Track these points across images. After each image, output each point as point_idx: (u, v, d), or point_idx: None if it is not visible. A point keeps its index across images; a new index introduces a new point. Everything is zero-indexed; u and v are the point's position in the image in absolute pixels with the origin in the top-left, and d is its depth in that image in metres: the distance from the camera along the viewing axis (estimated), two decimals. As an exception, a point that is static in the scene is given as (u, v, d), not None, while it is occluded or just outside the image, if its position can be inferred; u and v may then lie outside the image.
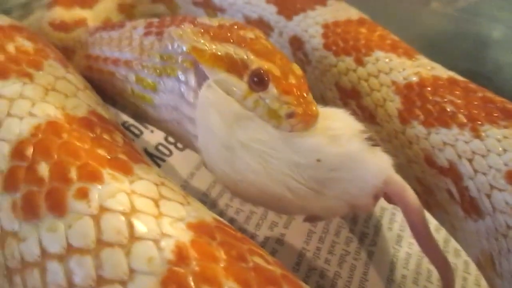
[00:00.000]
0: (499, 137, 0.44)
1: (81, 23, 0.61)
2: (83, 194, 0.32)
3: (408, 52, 0.56)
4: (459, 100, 0.48)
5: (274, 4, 0.66)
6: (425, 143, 0.49)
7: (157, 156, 0.62)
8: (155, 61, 0.46)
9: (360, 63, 0.56)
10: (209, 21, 0.47)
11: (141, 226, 0.31)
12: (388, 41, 0.58)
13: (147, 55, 0.47)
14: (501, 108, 0.47)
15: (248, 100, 0.42)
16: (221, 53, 0.43)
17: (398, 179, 0.43)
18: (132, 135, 0.63)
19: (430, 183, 0.50)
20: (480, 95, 0.49)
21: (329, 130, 0.42)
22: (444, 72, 0.53)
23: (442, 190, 0.49)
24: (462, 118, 0.47)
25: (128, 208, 0.32)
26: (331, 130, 0.42)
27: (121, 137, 0.40)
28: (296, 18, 0.64)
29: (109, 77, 0.51)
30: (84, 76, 0.48)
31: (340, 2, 0.66)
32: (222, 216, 0.50)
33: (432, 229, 0.60)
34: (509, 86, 0.75)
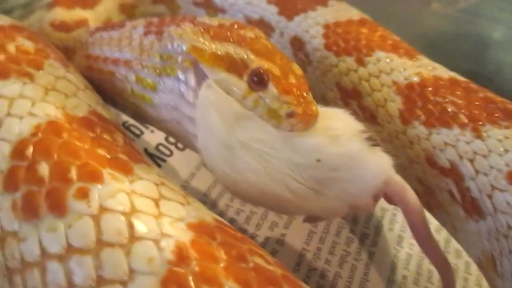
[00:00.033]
0: (500, 137, 0.44)
1: (82, 23, 0.61)
2: (83, 194, 0.32)
3: (409, 52, 0.56)
4: (460, 101, 0.48)
5: (275, 5, 0.66)
6: (426, 143, 0.49)
7: (157, 156, 0.62)
8: (155, 60, 0.46)
9: (361, 63, 0.56)
10: (209, 20, 0.47)
11: (141, 226, 0.31)
12: (389, 41, 0.58)
13: (147, 55, 0.47)
14: (502, 108, 0.47)
15: (248, 99, 0.42)
16: (221, 52, 0.43)
17: (398, 179, 0.43)
18: (132, 135, 0.63)
19: (431, 184, 0.50)
20: (481, 95, 0.49)
21: (329, 130, 0.42)
22: (445, 72, 0.53)
23: (443, 190, 0.48)
24: (463, 118, 0.47)
25: (128, 208, 0.31)
26: (331, 130, 0.42)
27: (122, 137, 0.40)
28: (297, 18, 0.64)
29: (109, 77, 0.51)
30: (84, 76, 0.48)
31: (341, 3, 0.66)
32: (222, 216, 0.50)
33: (433, 229, 0.60)
34: (509, 87, 0.75)
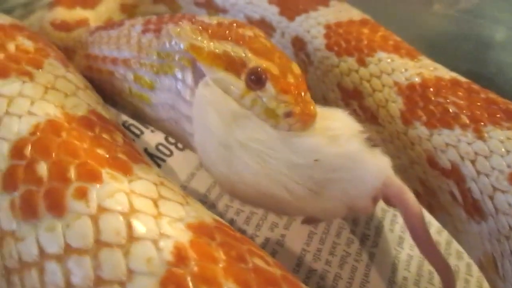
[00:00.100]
0: (502, 138, 0.44)
1: (82, 23, 0.60)
2: (82, 193, 0.32)
3: (410, 53, 0.56)
4: (461, 101, 0.48)
5: (276, 5, 0.66)
6: (427, 144, 0.48)
7: (157, 156, 0.62)
8: (152, 59, 0.46)
9: (362, 63, 0.56)
10: (207, 19, 0.46)
11: (140, 226, 0.30)
12: (391, 41, 0.57)
13: (145, 53, 0.47)
14: (504, 109, 0.47)
15: (245, 98, 0.41)
16: (219, 51, 0.42)
17: (397, 181, 0.43)
18: (132, 135, 0.63)
19: (432, 185, 0.50)
20: (483, 96, 0.49)
21: (328, 130, 0.42)
22: (446, 73, 0.53)
23: (444, 191, 0.48)
24: (464, 119, 0.47)
25: (127, 208, 0.31)
26: (330, 130, 0.42)
27: (121, 137, 0.40)
28: (298, 18, 0.63)
29: (108, 77, 0.51)
30: (84, 76, 0.48)
31: (342, 3, 0.66)
32: (222, 217, 0.50)
33: (434, 231, 0.61)
34: (510, 87, 0.75)
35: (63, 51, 0.51)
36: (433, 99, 0.49)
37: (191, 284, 0.28)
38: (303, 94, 0.41)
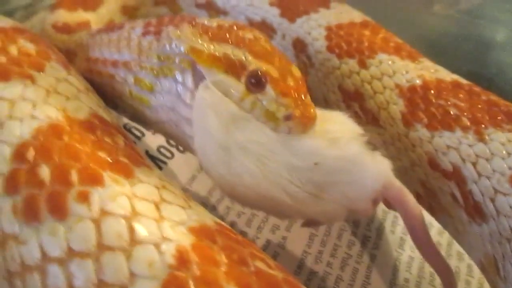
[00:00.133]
0: (503, 140, 0.44)
1: (84, 25, 0.61)
2: (84, 197, 0.32)
3: (411, 54, 0.56)
4: (462, 103, 0.48)
5: (277, 7, 0.66)
6: (428, 146, 0.48)
7: (158, 158, 0.62)
8: (153, 61, 0.46)
9: (364, 65, 0.55)
10: (207, 21, 0.46)
11: (142, 230, 0.30)
12: (392, 43, 0.57)
13: (145, 56, 0.47)
14: (505, 111, 0.47)
15: (245, 101, 0.41)
16: (219, 53, 0.42)
17: (397, 183, 0.43)
18: (133, 137, 0.63)
19: (433, 187, 0.50)
20: (484, 98, 0.49)
21: (328, 133, 0.42)
22: (447, 75, 0.53)
23: (445, 193, 0.48)
24: (465, 121, 0.47)
25: (129, 212, 0.31)
26: (329, 133, 0.42)
27: (123, 140, 0.40)
28: (299, 20, 0.63)
29: (108, 80, 0.51)
30: (85, 79, 0.48)
31: (343, 5, 0.66)
32: (223, 219, 0.50)
33: (435, 232, 0.61)
34: (511, 88, 0.75)
35: (64, 54, 0.51)
36: (434, 101, 0.49)
37: (193, 287, 0.28)
38: (303, 97, 0.41)
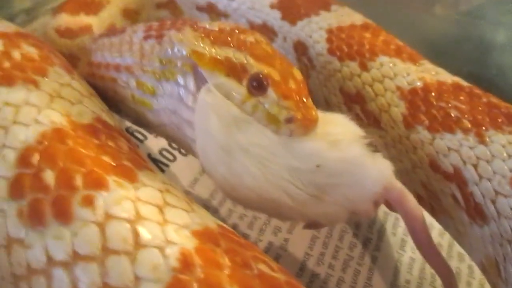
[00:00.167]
0: (503, 142, 0.44)
1: (86, 29, 0.61)
2: (88, 201, 0.32)
3: (412, 57, 0.56)
4: (463, 106, 0.48)
5: (278, 9, 0.66)
6: (429, 148, 0.49)
7: (161, 161, 0.62)
8: (154, 65, 0.46)
9: (365, 68, 0.56)
10: (209, 25, 0.47)
11: (146, 234, 0.31)
12: (393, 46, 0.58)
13: (147, 60, 0.47)
14: (506, 113, 0.47)
15: (247, 104, 0.41)
16: (220, 57, 0.43)
17: (399, 185, 0.43)
18: (136, 140, 0.63)
19: (435, 188, 0.50)
20: (485, 100, 0.49)
21: (329, 135, 0.42)
22: (448, 77, 0.53)
23: (447, 195, 0.48)
24: (466, 123, 0.47)
25: (133, 215, 0.32)
26: (331, 135, 0.42)
27: (126, 144, 0.40)
28: (300, 23, 0.64)
29: (111, 84, 0.51)
30: (88, 83, 0.48)
31: (344, 7, 0.66)
32: (225, 222, 0.50)
33: (436, 233, 0.61)
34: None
35: (67, 58, 0.51)
36: (435, 103, 0.50)
37: (197, 290, 0.28)
38: (304, 99, 0.41)
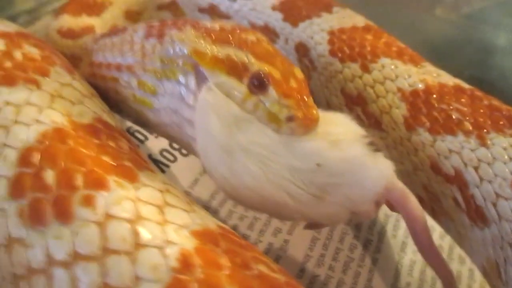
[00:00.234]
0: (505, 145, 0.44)
1: (88, 30, 0.61)
2: (89, 201, 0.32)
3: (414, 59, 0.56)
4: (465, 108, 0.48)
5: (279, 11, 0.66)
6: (431, 150, 0.49)
7: (161, 162, 0.62)
8: (156, 64, 0.46)
9: (366, 69, 0.56)
10: (210, 24, 0.47)
11: (146, 234, 0.31)
12: (394, 48, 0.58)
13: (148, 59, 0.47)
14: (507, 116, 0.47)
15: (248, 103, 0.41)
16: (221, 55, 0.43)
17: (400, 185, 0.43)
18: (137, 141, 0.63)
19: (436, 191, 0.50)
20: (487, 103, 0.49)
21: (330, 135, 0.42)
22: (450, 79, 0.53)
23: (447, 197, 0.48)
24: (468, 125, 0.47)
25: (134, 215, 0.32)
26: (332, 134, 0.42)
27: (127, 144, 0.40)
28: (302, 25, 0.64)
29: (112, 84, 0.51)
30: (89, 84, 0.48)
31: (346, 9, 0.66)
32: (225, 222, 0.50)
33: (437, 235, 0.61)
34: (514, 93, 0.75)
35: (69, 59, 0.51)
36: (436, 105, 0.50)
37: (196, 290, 0.28)
38: (305, 98, 0.41)
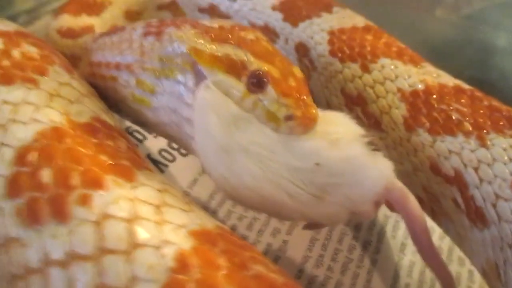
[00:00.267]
0: (505, 146, 0.44)
1: (88, 30, 0.61)
2: (85, 200, 0.32)
3: (414, 59, 0.56)
4: (465, 108, 0.48)
5: (279, 11, 0.66)
6: (430, 151, 0.48)
7: (160, 161, 0.62)
8: (154, 63, 0.46)
9: (366, 69, 0.56)
10: (209, 22, 0.46)
11: (143, 233, 0.31)
12: (394, 48, 0.58)
13: (147, 57, 0.47)
14: (507, 117, 0.46)
15: (246, 101, 0.41)
16: (220, 54, 0.42)
17: (400, 185, 0.43)
18: (136, 140, 0.63)
19: (435, 191, 0.50)
20: (486, 103, 0.49)
21: (329, 134, 0.41)
22: (450, 79, 0.53)
23: (447, 198, 0.48)
24: (468, 126, 0.47)
25: (131, 215, 0.31)
26: (331, 134, 0.41)
27: (125, 143, 0.40)
28: (302, 24, 0.64)
29: (111, 83, 0.51)
30: (89, 83, 0.48)
31: (346, 9, 0.66)
32: (224, 222, 0.50)
33: (437, 237, 0.60)
34: (514, 94, 0.75)
35: (69, 58, 0.51)
36: (436, 106, 0.49)
37: (193, 290, 0.28)
38: (304, 97, 0.41)
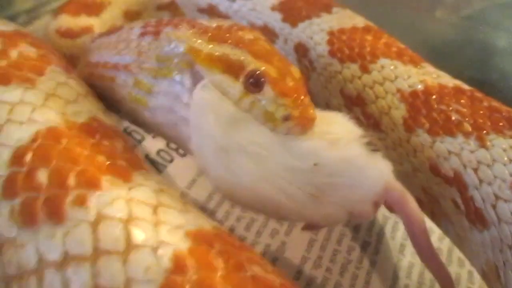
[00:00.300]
0: (504, 146, 0.44)
1: (87, 30, 0.61)
2: (81, 201, 0.32)
3: (413, 59, 0.56)
4: (464, 109, 0.48)
5: (279, 11, 0.66)
6: (430, 151, 0.48)
7: (158, 162, 0.61)
8: (152, 63, 0.46)
9: (366, 70, 0.55)
10: (207, 22, 0.46)
11: (139, 234, 0.30)
12: (394, 48, 0.57)
13: (144, 57, 0.47)
14: (507, 117, 0.46)
15: (243, 101, 0.41)
16: (218, 53, 0.42)
17: (398, 186, 0.42)
18: (134, 140, 0.63)
19: (435, 192, 0.49)
20: (486, 104, 0.48)
21: (327, 134, 0.41)
22: (450, 80, 0.53)
23: (447, 199, 0.48)
24: (467, 127, 0.46)
25: (126, 215, 0.31)
26: (329, 134, 0.41)
27: (122, 143, 0.40)
28: (301, 25, 0.63)
29: (109, 83, 0.51)
30: (87, 83, 0.48)
31: (345, 10, 0.66)
32: (222, 223, 0.50)
33: (436, 238, 0.60)
34: (514, 95, 0.74)
35: (68, 59, 0.51)
36: (436, 106, 0.49)
37: (189, 292, 0.28)
38: (302, 97, 0.41)
